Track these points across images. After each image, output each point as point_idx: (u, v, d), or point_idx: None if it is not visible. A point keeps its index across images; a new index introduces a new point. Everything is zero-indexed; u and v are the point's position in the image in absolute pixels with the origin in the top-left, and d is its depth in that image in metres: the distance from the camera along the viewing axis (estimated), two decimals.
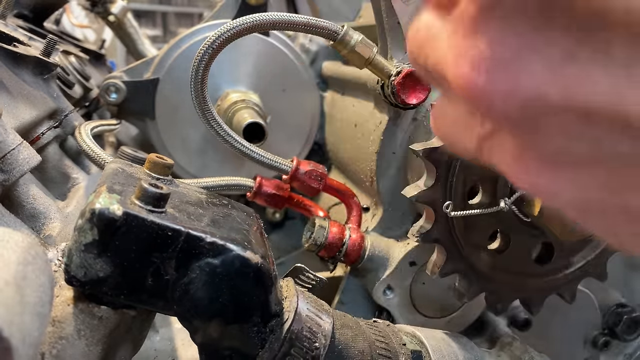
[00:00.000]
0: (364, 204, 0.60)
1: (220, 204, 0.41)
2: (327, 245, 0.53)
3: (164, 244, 0.31)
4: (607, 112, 0.17)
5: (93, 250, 0.30)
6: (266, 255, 0.35)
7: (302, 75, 0.75)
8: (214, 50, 0.45)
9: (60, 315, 0.32)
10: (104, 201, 0.30)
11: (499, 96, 0.18)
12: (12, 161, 0.40)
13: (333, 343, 0.37)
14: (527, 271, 0.48)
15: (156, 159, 0.40)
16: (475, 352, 0.46)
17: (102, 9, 1.15)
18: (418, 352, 0.42)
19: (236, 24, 0.44)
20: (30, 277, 0.24)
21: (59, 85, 0.64)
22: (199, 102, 0.47)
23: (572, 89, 0.17)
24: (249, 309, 0.34)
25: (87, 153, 0.51)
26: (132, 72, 0.73)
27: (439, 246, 0.46)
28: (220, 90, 0.71)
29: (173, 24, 4.72)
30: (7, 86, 0.47)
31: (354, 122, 0.64)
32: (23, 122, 0.46)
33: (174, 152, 0.73)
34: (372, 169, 0.57)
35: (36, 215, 0.44)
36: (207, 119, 0.48)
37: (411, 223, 0.56)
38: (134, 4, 4.24)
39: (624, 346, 0.67)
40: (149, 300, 0.33)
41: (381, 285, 0.55)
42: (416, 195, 0.44)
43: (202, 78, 0.46)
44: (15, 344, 0.21)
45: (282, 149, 0.76)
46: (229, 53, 0.71)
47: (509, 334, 0.54)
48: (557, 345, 0.64)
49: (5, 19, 0.64)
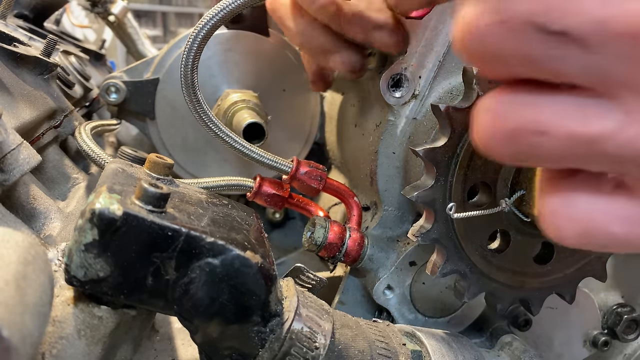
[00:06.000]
0: (364, 204, 0.60)
1: (220, 204, 0.41)
2: (327, 245, 0.53)
3: (164, 244, 0.32)
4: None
5: (93, 250, 0.30)
6: (266, 255, 0.35)
7: (302, 75, 0.75)
8: (205, 34, 0.44)
9: (60, 315, 0.32)
10: (104, 201, 0.31)
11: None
12: (12, 161, 0.40)
13: (333, 343, 0.37)
14: (527, 271, 0.48)
15: (156, 159, 0.40)
16: (475, 352, 0.46)
17: (102, 9, 1.15)
18: (418, 352, 0.42)
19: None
20: (31, 277, 0.24)
21: (59, 85, 0.64)
22: (193, 104, 0.47)
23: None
24: (249, 309, 0.34)
25: (87, 153, 0.51)
26: (132, 72, 0.73)
27: (439, 246, 0.46)
28: (220, 90, 0.71)
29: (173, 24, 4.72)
30: (7, 86, 0.47)
31: (354, 122, 0.64)
32: (23, 122, 0.46)
33: (174, 152, 0.73)
34: (372, 169, 0.57)
35: (36, 215, 0.44)
36: (203, 119, 0.48)
37: (411, 223, 0.57)
38: (134, 4, 4.24)
39: (624, 346, 0.67)
40: (149, 300, 0.33)
41: (381, 285, 0.55)
42: (416, 195, 0.44)
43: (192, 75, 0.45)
44: (16, 344, 0.21)
45: (282, 149, 0.76)
46: (229, 53, 0.71)
47: (509, 334, 0.54)
48: (557, 345, 0.64)
49: (5, 19, 0.64)
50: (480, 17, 0.23)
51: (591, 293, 0.63)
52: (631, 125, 0.22)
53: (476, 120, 0.26)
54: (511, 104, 0.25)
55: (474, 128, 0.26)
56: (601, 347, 0.64)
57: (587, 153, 0.23)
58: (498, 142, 0.25)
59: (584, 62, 0.22)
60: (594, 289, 0.64)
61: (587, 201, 0.25)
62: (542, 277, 0.48)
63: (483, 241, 0.47)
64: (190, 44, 0.44)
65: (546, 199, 0.27)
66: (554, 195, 0.26)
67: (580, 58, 0.22)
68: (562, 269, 0.48)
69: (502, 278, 0.47)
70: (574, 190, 0.26)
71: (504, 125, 0.24)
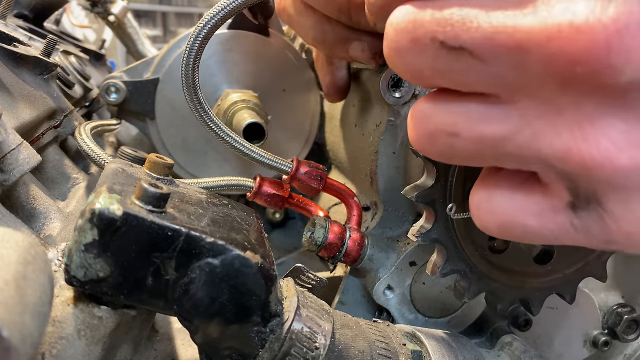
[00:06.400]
0: (364, 204, 0.60)
1: (220, 204, 0.41)
2: (327, 245, 0.53)
3: (164, 244, 0.31)
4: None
5: (93, 250, 0.30)
6: (266, 255, 0.35)
7: (302, 75, 0.75)
8: (204, 36, 0.44)
9: (60, 315, 0.32)
10: (104, 201, 0.30)
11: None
12: (12, 161, 0.40)
13: (333, 343, 0.37)
14: (527, 271, 0.48)
15: (156, 159, 0.40)
16: (475, 352, 0.46)
17: (102, 9, 1.15)
18: (418, 352, 0.42)
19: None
20: (31, 277, 0.24)
21: (59, 85, 0.64)
22: (194, 104, 0.47)
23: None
24: (249, 309, 0.34)
25: (87, 153, 0.51)
26: (132, 72, 0.73)
27: (439, 246, 0.46)
28: (219, 90, 0.71)
29: (173, 24, 4.72)
30: (7, 86, 0.47)
31: (354, 122, 0.64)
32: (23, 122, 0.46)
33: (174, 152, 0.73)
34: (372, 169, 0.57)
35: (36, 215, 0.44)
36: (204, 119, 0.48)
37: (411, 223, 0.57)
38: (134, 4, 4.24)
39: (624, 346, 0.67)
40: (149, 300, 0.33)
41: (381, 285, 0.55)
42: (416, 195, 0.44)
43: (193, 74, 0.45)
44: (15, 344, 0.21)
45: (282, 149, 0.76)
46: (229, 53, 0.71)
47: (509, 334, 0.54)
48: (557, 345, 0.64)
49: (5, 19, 0.64)
50: (400, 37, 0.27)
51: (591, 293, 0.63)
52: (525, 127, 0.25)
53: (408, 123, 0.31)
54: (430, 109, 0.29)
55: (408, 129, 0.31)
56: (601, 347, 0.63)
57: (493, 153, 0.26)
58: (422, 142, 0.29)
59: (482, 73, 0.25)
60: (594, 289, 0.64)
61: (506, 196, 0.28)
62: (542, 277, 0.48)
63: (483, 241, 0.47)
64: (192, 43, 0.44)
65: (473, 193, 0.31)
66: (480, 190, 0.30)
67: (479, 69, 0.25)
68: (562, 269, 0.48)
69: (502, 278, 0.47)
70: (495, 186, 0.29)
71: (425, 127, 0.29)
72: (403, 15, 0.27)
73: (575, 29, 0.21)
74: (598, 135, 0.23)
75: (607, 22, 0.21)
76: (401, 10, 0.28)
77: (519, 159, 0.26)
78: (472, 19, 0.24)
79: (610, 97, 0.22)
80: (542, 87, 0.24)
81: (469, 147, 0.27)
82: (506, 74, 0.24)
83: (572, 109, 0.23)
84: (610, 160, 0.23)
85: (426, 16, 0.26)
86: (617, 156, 0.23)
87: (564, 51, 0.22)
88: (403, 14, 0.27)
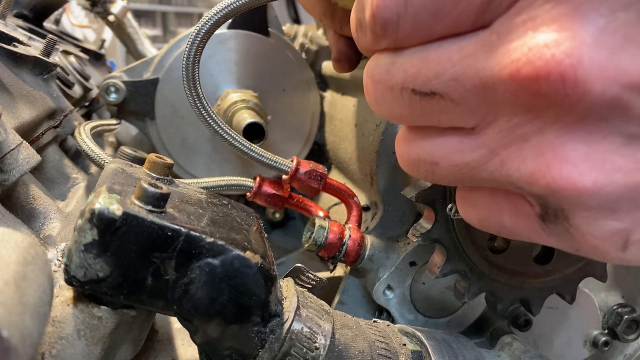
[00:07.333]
0: (364, 204, 0.60)
1: (220, 204, 0.41)
2: (327, 245, 0.53)
3: (164, 244, 0.31)
4: None
5: (93, 250, 0.30)
6: (266, 255, 0.35)
7: (302, 75, 0.75)
8: (203, 36, 0.44)
9: (60, 315, 0.32)
10: (104, 201, 0.30)
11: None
12: (12, 161, 0.40)
13: (333, 343, 0.37)
14: (527, 271, 0.48)
15: (156, 159, 0.40)
16: (475, 352, 0.46)
17: (102, 9, 1.15)
18: (418, 352, 0.42)
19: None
20: (30, 277, 0.24)
21: (59, 85, 0.64)
22: (195, 103, 0.47)
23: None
24: (249, 309, 0.34)
25: (87, 153, 0.51)
26: (132, 72, 0.73)
27: (439, 246, 0.46)
28: (219, 90, 0.71)
29: (173, 24, 4.72)
30: (7, 86, 0.47)
31: (354, 122, 0.64)
32: (23, 122, 0.46)
33: (173, 152, 0.73)
34: (372, 169, 0.57)
35: (36, 216, 0.44)
36: (205, 118, 0.48)
37: (411, 223, 0.57)
38: (134, 4, 4.24)
39: (624, 346, 0.67)
40: (149, 300, 0.33)
41: (381, 285, 0.55)
42: (416, 195, 0.44)
43: (193, 73, 0.45)
44: (15, 344, 0.21)
45: (282, 149, 0.76)
46: (229, 53, 0.71)
47: (509, 334, 0.54)
48: (558, 345, 0.64)
49: (5, 19, 0.64)
50: (376, 88, 0.31)
51: (591, 293, 0.63)
52: (494, 156, 0.27)
53: (395, 148, 0.35)
54: (412, 141, 0.32)
55: (396, 153, 0.35)
56: (601, 347, 0.63)
57: (470, 177, 0.29)
58: (408, 168, 0.33)
59: (454, 112, 0.27)
60: (594, 289, 0.64)
61: (485, 195, 0.31)
62: (543, 277, 0.48)
63: (483, 241, 0.47)
64: (192, 41, 0.44)
65: (458, 187, 0.34)
66: (460, 198, 0.34)
67: (451, 109, 0.27)
68: (562, 269, 0.48)
69: (503, 278, 0.47)
70: (475, 196, 0.33)
71: (408, 156, 0.33)
72: (375, 66, 0.31)
73: (531, 66, 0.23)
74: (560, 160, 0.24)
75: (561, 57, 0.22)
76: (375, 61, 0.31)
77: (492, 182, 0.28)
78: (439, 65, 0.27)
79: (571, 123, 0.24)
80: (509, 118, 0.26)
81: (448, 173, 0.30)
82: (476, 110, 0.27)
83: (536, 136, 0.25)
84: (573, 183, 0.24)
85: (396, 66, 0.29)
86: (579, 179, 0.24)
87: (524, 86, 0.23)
88: (376, 65, 0.31)
